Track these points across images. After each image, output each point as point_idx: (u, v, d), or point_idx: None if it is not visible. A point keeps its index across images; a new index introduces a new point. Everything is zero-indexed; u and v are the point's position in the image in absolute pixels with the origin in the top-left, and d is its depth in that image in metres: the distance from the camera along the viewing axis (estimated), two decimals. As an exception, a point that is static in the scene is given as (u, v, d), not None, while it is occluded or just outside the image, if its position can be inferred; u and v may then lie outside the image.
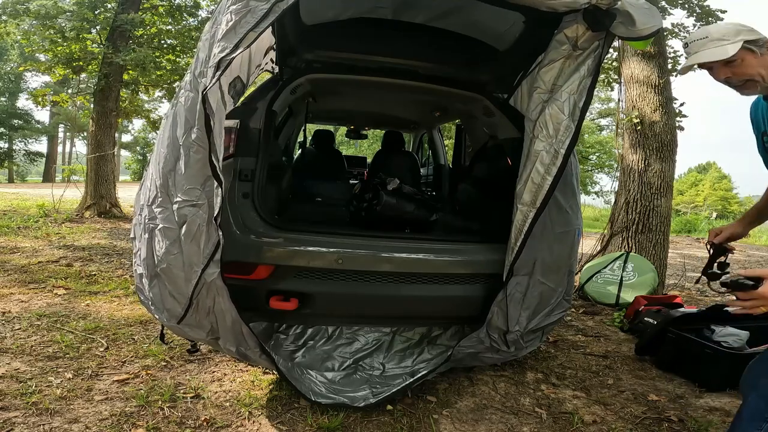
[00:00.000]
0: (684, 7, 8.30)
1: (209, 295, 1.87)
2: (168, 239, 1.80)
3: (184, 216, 1.77)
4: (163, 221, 1.81)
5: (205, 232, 1.78)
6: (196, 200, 1.76)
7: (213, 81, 1.56)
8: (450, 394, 2.51)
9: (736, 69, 1.62)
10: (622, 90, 5.46)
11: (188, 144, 1.72)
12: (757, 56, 1.58)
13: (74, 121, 25.32)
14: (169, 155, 1.77)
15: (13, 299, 3.53)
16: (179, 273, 1.82)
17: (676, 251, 9.46)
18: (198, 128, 1.68)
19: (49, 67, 9.23)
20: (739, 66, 1.61)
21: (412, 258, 2.34)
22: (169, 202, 1.79)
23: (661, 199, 4.91)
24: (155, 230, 1.83)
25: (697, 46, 1.64)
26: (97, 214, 8.38)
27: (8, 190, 15.56)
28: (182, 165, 1.75)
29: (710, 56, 1.60)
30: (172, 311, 1.91)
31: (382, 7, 2.40)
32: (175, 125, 1.75)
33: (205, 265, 1.80)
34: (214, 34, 1.63)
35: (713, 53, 1.60)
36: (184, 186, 1.76)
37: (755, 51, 1.57)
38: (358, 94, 4.08)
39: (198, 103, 1.65)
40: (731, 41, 1.58)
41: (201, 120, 1.65)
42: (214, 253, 1.80)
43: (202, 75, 1.64)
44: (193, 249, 1.79)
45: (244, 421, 2.12)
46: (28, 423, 1.96)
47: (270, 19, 1.56)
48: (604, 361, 3.13)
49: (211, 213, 1.76)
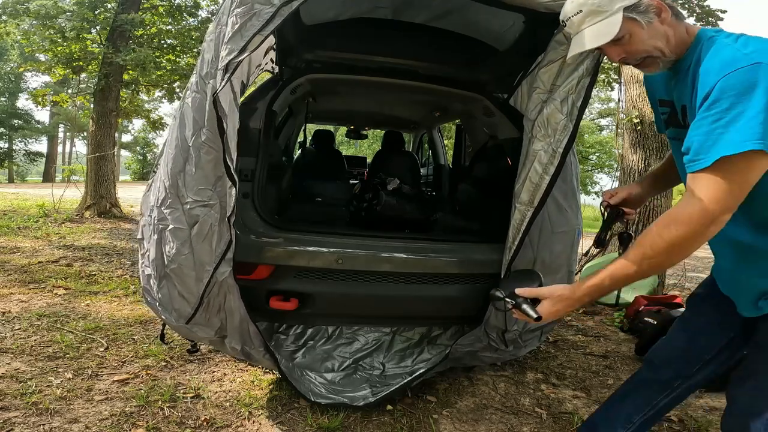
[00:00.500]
0: (684, 7, 8.30)
1: (220, 293, 1.90)
2: (178, 240, 1.82)
3: (196, 216, 1.79)
4: (173, 222, 1.82)
5: (217, 231, 1.80)
6: (207, 200, 1.78)
7: (223, 83, 1.57)
8: (450, 394, 2.51)
9: (627, 47, 1.35)
10: (622, 90, 5.47)
11: (198, 145, 1.73)
12: (644, 27, 1.32)
13: (74, 121, 25.33)
14: (177, 156, 1.79)
15: (13, 299, 3.53)
16: (190, 272, 1.84)
17: (676, 251, 9.45)
18: (208, 129, 1.69)
19: (49, 67, 9.22)
20: (629, 43, 1.34)
21: (412, 258, 2.34)
22: (179, 203, 1.80)
23: (661, 199, 4.92)
24: (165, 231, 1.84)
25: (575, 24, 1.37)
26: (97, 214, 8.37)
27: (8, 190, 15.56)
28: (192, 166, 1.76)
29: (595, 39, 1.33)
30: (181, 311, 1.92)
31: (382, 7, 2.40)
32: (183, 126, 1.76)
33: (217, 263, 1.82)
34: (219, 36, 1.63)
35: (598, 33, 1.33)
36: (194, 187, 1.77)
37: (639, 21, 1.31)
38: (358, 94, 4.08)
39: (207, 104, 1.66)
40: (611, 11, 1.30)
41: (212, 121, 1.66)
42: (226, 251, 1.82)
43: (210, 76, 1.65)
44: (205, 248, 1.81)
45: (244, 421, 2.12)
46: (28, 423, 1.96)
47: (276, 23, 1.57)
48: (604, 361, 3.13)
49: (223, 213, 1.78)
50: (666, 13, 1.34)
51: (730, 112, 1.14)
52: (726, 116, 1.14)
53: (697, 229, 1.17)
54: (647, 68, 1.40)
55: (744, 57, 1.17)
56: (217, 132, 1.67)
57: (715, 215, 1.16)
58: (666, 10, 1.34)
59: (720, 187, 1.15)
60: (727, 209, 1.16)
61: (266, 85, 2.55)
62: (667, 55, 1.36)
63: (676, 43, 1.36)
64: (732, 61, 1.18)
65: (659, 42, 1.33)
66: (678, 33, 1.36)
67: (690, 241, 1.19)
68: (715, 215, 1.15)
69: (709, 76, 1.21)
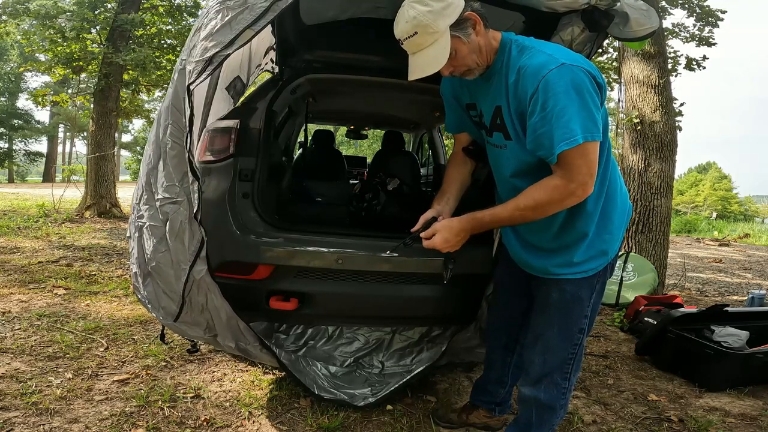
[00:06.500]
0: (684, 7, 8.29)
1: (200, 293, 1.87)
2: (155, 237, 1.80)
3: (167, 213, 1.77)
4: (149, 219, 1.81)
5: (188, 229, 1.76)
6: (175, 197, 1.75)
7: (204, 76, 1.54)
8: (450, 394, 2.51)
9: (454, 63, 1.48)
10: (622, 90, 5.47)
11: (164, 141, 1.71)
12: (466, 43, 1.45)
13: (74, 121, 25.34)
14: (152, 154, 1.78)
15: (13, 299, 3.53)
16: (169, 271, 1.82)
17: (676, 251, 9.46)
18: (171, 124, 1.66)
19: (49, 67, 9.22)
20: (455, 59, 1.47)
21: (412, 258, 2.34)
22: (153, 200, 1.79)
23: (661, 199, 4.92)
24: (143, 228, 1.83)
25: (413, 45, 1.43)
26: (97, 214, 8.38)
27: (8, 190, 15.57)
28: (161, 162, 1.75)
29: (435, 63, 1.42)
30: (168, 309, 1.91)
31: (382, 7, 2.40)
32: (158, 124, 1.75)
33: (192, 262, 1.79)
34: (202, 27, 1.59)
35: (435, 57, 1.42)
36: (163, 183, 1.75)
37: (461, 37, 1.43)
38: (359, 94, 4.07)
39: (170, 99, 1.63)
40: (440, 31, 1.40)
41: (176, 115, 1.63)
42: (200, 250, 1.78)
43: (174, 71, 1.62)
44: (179, 246, 1.78)
45: (244, 421, 2.12)
46: (28, 423, 1.96)
47: (268, 18, 1.54)
48: (604, 361, 3.13)
49: (191, 210, 1.74)
50: (479, 25, 1.47)
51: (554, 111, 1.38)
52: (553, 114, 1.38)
53: (556, 197, 1.45)
54: (467, 76, 1.56)
55: (551, 59, 1.39)
56: (179, 126, 1.63)
57: (571, 189, 1.43)
58: (479, 21, 1.47)
59: (570, 168, 1.41)
60: (581, 183, 1.43)
61: (266, 85, 2.55)
62: (480, 65, 1.51)
63: (487, 51, 1.51)
64: (546, 63, 1.39)
65: (475, 56, 1.49)
66: (487, 41, 1.50)
67: (548, 205, 1.48)
68: (571, 189, 1.43)
69: (528, 78, 1.41)
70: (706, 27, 8.56)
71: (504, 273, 1.96)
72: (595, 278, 1.64)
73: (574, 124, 1.36)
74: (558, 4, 1.76)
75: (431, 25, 1.39)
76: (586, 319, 1.67)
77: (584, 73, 1.38)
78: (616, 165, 1.68)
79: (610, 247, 1.64)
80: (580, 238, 1.59)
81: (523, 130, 1.50)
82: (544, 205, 1.47)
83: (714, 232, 16.59)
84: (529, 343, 1.76)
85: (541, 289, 1.71)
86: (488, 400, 2.13)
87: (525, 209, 1.50)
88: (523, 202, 1.50)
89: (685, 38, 8.78)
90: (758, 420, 2.44)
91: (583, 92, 1.37)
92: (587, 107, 1.37)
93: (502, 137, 1.59)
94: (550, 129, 1.38)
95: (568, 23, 1.89)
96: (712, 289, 6.14)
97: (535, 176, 1.50)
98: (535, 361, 1.71)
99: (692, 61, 8.72)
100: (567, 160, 1.40)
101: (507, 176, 1.65)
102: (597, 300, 1.69)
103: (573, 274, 1.62)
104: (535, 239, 1.68)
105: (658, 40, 4.98)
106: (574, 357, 1.69)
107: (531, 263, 1.72)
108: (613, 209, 1.63)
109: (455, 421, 2.17)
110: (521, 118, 1.49)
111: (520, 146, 1.53)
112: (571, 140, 1.36)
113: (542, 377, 1.70)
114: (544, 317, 1.70)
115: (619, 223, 1.67)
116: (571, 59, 1.40)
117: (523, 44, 1.50)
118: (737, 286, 6.46)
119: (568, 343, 1.67)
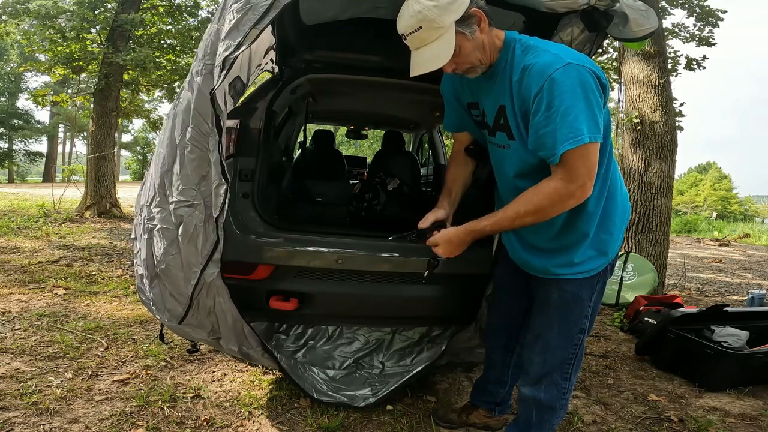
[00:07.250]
0: (684, 7, 8.29)
1: (209, 295, 1.87)
2: (166, 240, 1.80)
3: (181, 216, 1.76)
4: (161, 222, 1.80)
5: (203, 232, 1.76)
6: (191, 200, 1.75)
7: (220, 80, 1.55)
8: (450, 394, 2.51)
9: (458, 59, 1.47)
10: (622, 90, 5.48)
11: (183, 144, 1.71)
12: (470, 39, 1.44)
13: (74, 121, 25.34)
14: (167, 156, 1.77)
15: (13, 299, 3.53)
16: (178, 273, 1.82)
17: (676, 251, 9.46)
18: (192, 127, 1.67)
19: (49, 67, 9.22)
20: (459, 56, 1.46)
21: (412, 258, 2.34)
22: (166, 203, 1.79)
23: (661, 199, 4.92)
24: (154, 230, 1.83)
25: (416, 41, 1.43)
26: (97, 214, 8.38)
27: (8, 190, 15.58)
28: (178, 165, 1.74)
29: (438, 59, 1.42)
30: (173, 311, 1.91)
31: (382, 7, 2.40)
32: (174, 126, 1.75)
33: (204, 265, 1.79)
34: (216, 32, 1.62)
35: (439, 53, 1.41)
36: (179, 186, 1.75)
37: (466, 34, 1.43)
38: (358, 94, 4.07)
39: (193, 102, 1.64)
40: (446, 27, 1.39)
41: (197, 119, 1.63)
42: (213, 252, 1.79)
43: (198, 74, 1.63)
44: (191, 249, 1.78)
45: (244, 421, 2.12)
46: (28, 423, 1.96)
47: (271, 15, 1.55)
48: (604, 361, 3.13)
49: (208, 213, 1.75)
50: (484, 22, 1.47)
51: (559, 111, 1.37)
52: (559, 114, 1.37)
53: (556, 200, 1.45)
54: (469, 74, 1.55)
55: (557, 59, 1.38)
56: (200, 130, 1.64)
57: (571, 190, 1.43)
58: (484, 19, 1.47)
59: (572, 169, 1.41)
60: (581, 185, 1.43)
61: (266, 85, 2.55)
62: (483, 62, 1.51)
63: (491, 50, 1.50)
64: (551, 62, 1.38)
65: (479, 53, 1.48)
66: (491, 39, 1.50)
67: (550, 208, 1.48)
68: (570, 190, 1.43)
69: (533, 76, 1.40)
70: (706, 27, 8.56)
71: (504, 273, 1.96)
72: (596, 278, 1.65)
73: (580, 123, 1.35)
74: (558, 4, 1.76)
75: (436, 20, 1.37)
76: (587, 319, 1.67)
77: (589, 73, 1.38)
78: (617, 166, 1.68)
79: (610, 248, 1.64)
80: (580, 239, 1.60)
81: (526, 129, 1.49)
82: (546, 208, 1.47)
83: (714, 232, 16.60)
84: (529, 343, 1.77)
85: (541, 289, 1.71)
86: (488, 400, 2.13)
87: (526, 215, 1.50)
88: (523, 208, 1.50)
89: (685, 38, 8.79)
90: (758, 420, 2.44)
91: (588, 92, 1.37)
92: (591, 108, 1.37)
93: (506, 137, 1.59)
94: (554, 128, 1.38)
95: (568, 24, 1.89)
96: (712, 289, 6.14)
97: (538, 177, 1.50)
98: (535, 361, 1.72)
99: (692, 61, 8.73)
100: (569, 161, 1.40)
101: (510, 176, 1.65)
102: (597, 300, 1.69)
103: (573, 274, 1.62)
104: (536, 239, 1.68)
105: (658, 40, 4.98)
106: (575, 357, 1.69)
107: (531, 263, 1.72)
108: (614, 210, 1.63)
109: (455, 421, 2.17)
110: (525, 118, 1.49)
111: (524, 146, 1.53)
112: (577, 139, 1.36)
113: (542, 377, 1.71)
114: (544, 317, 1.70)
115: (620, 223, 1.67)
116: (577, 59, 1.40)
117: (528, 43, 1.49)
118: (737, 286, 6.46)
119: (568, 343, 1.67)
